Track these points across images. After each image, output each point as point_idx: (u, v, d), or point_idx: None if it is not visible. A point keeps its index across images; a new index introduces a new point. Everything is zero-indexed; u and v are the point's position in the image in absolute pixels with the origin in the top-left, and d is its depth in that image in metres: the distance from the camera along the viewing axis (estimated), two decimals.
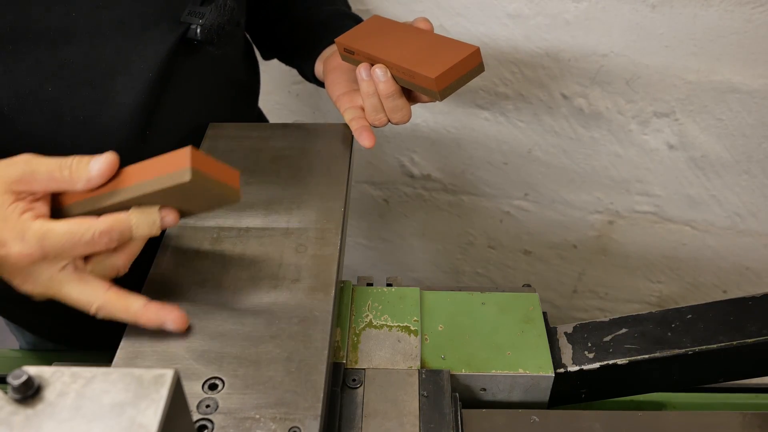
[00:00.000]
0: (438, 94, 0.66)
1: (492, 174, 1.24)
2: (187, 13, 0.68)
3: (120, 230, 0.53)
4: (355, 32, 0.75)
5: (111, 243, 0.53)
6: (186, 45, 0.69)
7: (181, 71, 0.71)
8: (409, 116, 0.73)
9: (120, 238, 0.53)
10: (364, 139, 0.72)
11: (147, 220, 0.54)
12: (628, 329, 0.64)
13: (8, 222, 0.51)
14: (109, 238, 0.52)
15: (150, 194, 0.52)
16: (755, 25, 0.94)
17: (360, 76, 0.70)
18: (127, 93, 0.67)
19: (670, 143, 1.11)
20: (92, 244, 0.52)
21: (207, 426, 0.48)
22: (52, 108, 0.65)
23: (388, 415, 0.55)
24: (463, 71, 0.67)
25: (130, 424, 0.33)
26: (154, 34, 0.67)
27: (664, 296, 1.38)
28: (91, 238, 0.52)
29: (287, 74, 1.18)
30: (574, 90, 1.07)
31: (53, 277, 0.52)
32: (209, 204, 0.57)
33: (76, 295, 0.53)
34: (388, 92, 0.70)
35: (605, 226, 1.28)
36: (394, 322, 0.64)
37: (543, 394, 0.62)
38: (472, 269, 1.47)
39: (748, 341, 0.62)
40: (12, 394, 0.34)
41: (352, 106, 0.74)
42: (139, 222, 0.54)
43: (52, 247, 0.51)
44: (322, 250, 0.62)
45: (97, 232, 0.52)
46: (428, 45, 0.69)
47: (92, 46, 0.64)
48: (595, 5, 0.97)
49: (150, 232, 0.55)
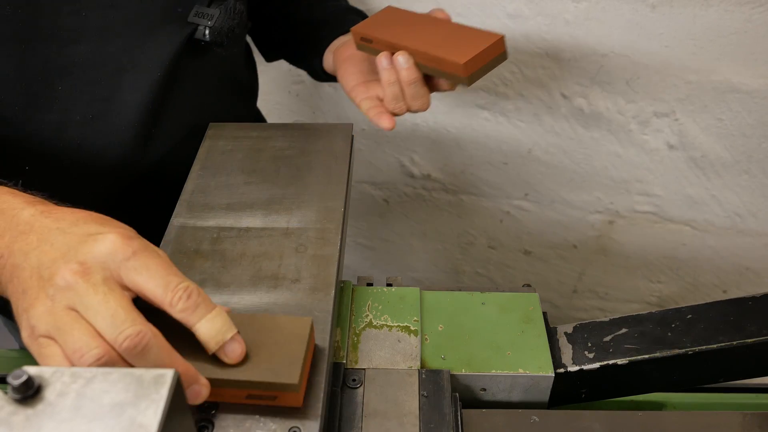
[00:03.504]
0: (466, 79, 0.67)
1: (492, 174, 1.24)
2: (194, 14, 0.68)
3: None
4: (371, 22, 0.75)
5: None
6: (193, 45, 0.69)
7: (187, 71, 0.71)
8: (429, 104, 0.73)
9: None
10: (385, 121, 0.72)
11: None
12: (628, 329, 0.64)
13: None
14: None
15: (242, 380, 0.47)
16: (755, 25, 0.94)
17: (381, 65, 0.70)
18: (135, 92, 0.67)
19: (670, 143, 1.11)
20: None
21: (207, 426, 0.48)
22: (60, 106, 0.65)
23: (388, 415, 0.55)
24: (488, 58, 0.68)
25: (130, 424, 0.33)
26: (161, 33, 0.67)
27: (664, 296, 1.38)
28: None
29: (287, 74, 1.18)
30: (574, 90, 1.08)
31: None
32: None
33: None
34: (411, 79, 0.70)
35: (605, 226, 1.28)
36: (394, 322, 0.64)
37: (543, 394, 0.62)
38: (472, 269, 1.47)
39: (748, 341, 0.62)
40: (12, 394, 0.34)
41: (368, 97, 0.74)
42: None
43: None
44: (322, 250, 0.62)
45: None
46: (451, 33, 0.70)
47: (101, 45, 0.64)
48: (595, 5, 0.97)
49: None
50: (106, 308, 0.42)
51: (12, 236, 0.46)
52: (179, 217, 0.65)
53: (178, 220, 0.65)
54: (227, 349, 0.46)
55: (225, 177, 0.70)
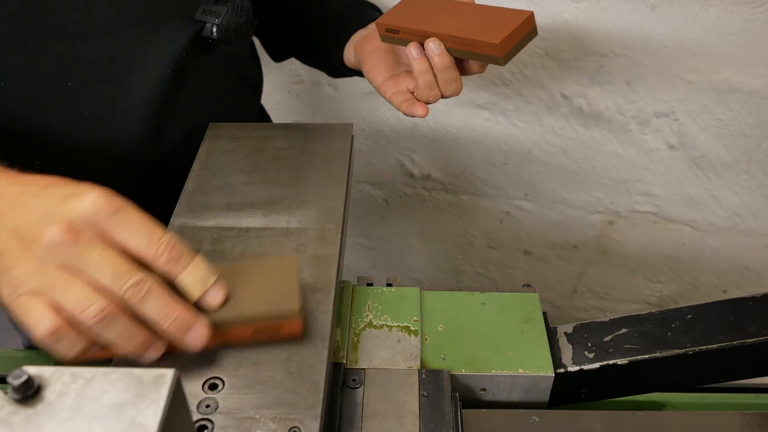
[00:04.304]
0: (501, 59, 0.67)
1: (492, 174, 1.25)
2: (201, 11, 0.68)
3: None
4: (395, 12, 0.74)
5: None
6: (201, 43, 0.69)
7: (195, 68, 0.71)
8: (461, 88, 0.73)
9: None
10: (418, 109, 0.72)
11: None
12: (628, 329, 0.64)
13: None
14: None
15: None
16: (755, 25, 0.94)
17: (411, 55, 0.70)
18: (143, 88, 0.68)
19: (670, 143, 1.11)
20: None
21: (207, 426, 0.48)
22: (69, 102, 0.65)
23: (388, 415, 0.55)
24: (521, 35, 0.68)
25: (130, 424, 0.33)
26: (168, 30, 0.67)
27: (664, 296, 1.38)
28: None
29: (287, 74, 1.18)
30: (574, 90, 1.08)
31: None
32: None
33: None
34: (444, 65, 0.70)
35: (605, 226, 1.28)
36: (394, 322, 0.64)
37: (543, 394, 0.62)
38: (472, 269, 1.47)
39: (748, 341, 0.62)
40: (12, 394, 0.34)
41: (398, 91, 0.74)
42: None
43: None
44: (322, 250, 0.62)
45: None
46: (478, 14, 0.70)
47: (109, 41, 0.64)
48: (595, 5, 0.97)
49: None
50: (107, 262, 0.44)
51: None
52: (179, 217, 0.65)
53: (178, 220, 0.65)
54: (210, 294, 0.48)
55: (225, 177, 0.70)
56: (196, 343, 0.47)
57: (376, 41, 0.76)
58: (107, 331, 0.44)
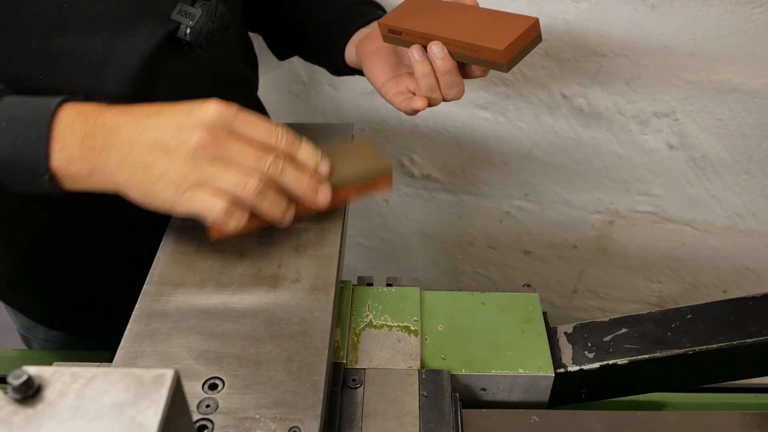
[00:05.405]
0: (504, 66, 0.67)
1: (492, 174, 1.24)
2: (177, 11, 0.68)
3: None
4: (397, 12, 0.73)
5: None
6: (175, 43, 0.69)
7: (170, 67, 0.71)
8: (463, 92, 0.73)
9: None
10: (417, 101, 0.72)
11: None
12: (628, 329, 0.64)
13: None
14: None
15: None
16: (755, 25, 0.94)
17: (413, 58, 0.70)
18: (117, 84, 0.67)
19: (670, 143, 1.11)
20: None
21: (207, 426, 0.48)
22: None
23: (388, 415, 0.55)
24: (525, 42, 0.67)
25: (130, 424, 0.33)
26: (142, 28, 0.66)
27: (664, 296, 1.38)
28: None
29: (287, 74, 1.18)
30: (574, 90, 1.07)
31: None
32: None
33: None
34: (446, 68, 0.70)
35: (605, 226, 1.28)
36: (394, 322, 0.64)
37: (543, 394, 0.62)
38: (472, 269, 1.47)
39: (748, 341, 0.62)
40: (12, 394, 0.34)
41: (399, 92, 0.74)
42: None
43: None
44: (322, 250, 0.62)
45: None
46: (483, 19, 0.69)
47: (83, 36, 0.64)
48: (595, 5, 0.97)
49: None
50: (246, 150, 0.54)
51: (103, 136, 0.53)
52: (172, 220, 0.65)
53: (177, 221, 0.65)
54: (321, 165, 0.59)
55: None
56: (324, 200, 0.58)
57: (378, 41, 0.76)
58: (263, 202, 0.55)
